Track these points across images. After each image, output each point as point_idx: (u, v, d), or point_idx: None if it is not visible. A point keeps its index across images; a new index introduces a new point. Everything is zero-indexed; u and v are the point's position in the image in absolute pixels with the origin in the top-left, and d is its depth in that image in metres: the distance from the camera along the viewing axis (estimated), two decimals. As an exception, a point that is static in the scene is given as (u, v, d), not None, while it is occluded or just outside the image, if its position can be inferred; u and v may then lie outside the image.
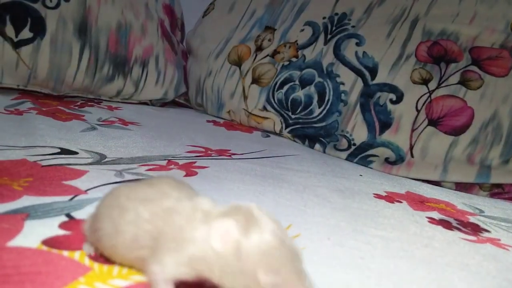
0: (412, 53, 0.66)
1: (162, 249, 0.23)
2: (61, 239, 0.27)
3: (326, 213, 0.39)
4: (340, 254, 0.31)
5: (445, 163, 0.60)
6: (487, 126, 0.59)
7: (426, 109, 0.62)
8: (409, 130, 0.62)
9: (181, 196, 0.25)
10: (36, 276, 0.23)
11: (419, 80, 0.64)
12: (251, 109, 0.77)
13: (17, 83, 0.76)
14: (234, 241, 0.22)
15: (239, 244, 0.22)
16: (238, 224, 0.22)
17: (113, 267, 0.25)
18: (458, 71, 0.62)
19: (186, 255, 0.22)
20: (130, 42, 0.83)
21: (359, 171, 0.60)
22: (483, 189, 0.61)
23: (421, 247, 0.35)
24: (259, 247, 0.22)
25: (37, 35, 0.74)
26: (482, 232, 0.41)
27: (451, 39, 0.65)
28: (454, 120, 0.61)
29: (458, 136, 0.60)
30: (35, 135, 0.52)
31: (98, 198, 0.34)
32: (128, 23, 0.84)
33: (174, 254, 0.23)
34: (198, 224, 0.23)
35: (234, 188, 0.42)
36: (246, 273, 0.22)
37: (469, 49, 0.63)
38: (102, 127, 0.63)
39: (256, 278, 0.21)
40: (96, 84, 0.80)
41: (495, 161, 0.59)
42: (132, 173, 0.43)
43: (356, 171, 0.59)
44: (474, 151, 0.59)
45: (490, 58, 0.62)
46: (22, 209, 0.31)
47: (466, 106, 0.61)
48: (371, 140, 0.65)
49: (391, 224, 0.39)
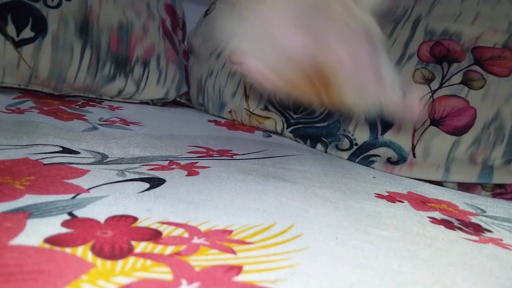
0: (414, 53, 0.66)
1: None
2: (64, 237, 0.27)
3: (329, 213, 0.39)
4: (343, 254, 0.31)
5: (447, 163, 0.60)
6: (490, 126, 0.59)
7: (428, 109, 0.62)
8: (411, 130, 0.62)
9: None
10: (39, 275, 0.23)
11: (421, 80, 0.64)
12: (253, 108, 0.77)
13: (18, 83, 0.76)
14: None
15: None
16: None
17: (116, 263, 0.25)
18: (460, 71, 0.62)
19: None
20: (131, 41, 0.83)
21: (361, 171, 0.60)
22: (486, 189, 0.61)
23: (424, 247, 0.34)
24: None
25: (39, 34, 0.74)
26: (484, 232, 0.41)
27: (453, 39, 0.65)
28: (456, 120, 0.61)
29: (461, 136, 0.60)
30: (37, 134, 0.52)
31: (100, 196, 0.34)
32: (129, 22, 0.84)
33: None
34: None
35: (236, 188, 0.42)
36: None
37: (472, 49, 0.63)
38: (104, 127, 0.63)
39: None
40: (97, 84, 0.80)
41: (497, 161, 0.58)
42: (134, 172, 0.42)
43: (358, 171, 0.59)
44: (476, 151, 0.59)
45: (492, 58, 0.62)
46: (24, 207, 0.31)
47: (469, 106, 0.61)
48: (373, 140, 0.64)
49: (394, 224, 0.39)
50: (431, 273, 0.30)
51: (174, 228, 0.31)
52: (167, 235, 0.29)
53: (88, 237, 0.28)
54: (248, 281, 0.25)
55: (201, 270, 0.26)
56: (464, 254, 0.34)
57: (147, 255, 0.27)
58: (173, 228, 0.31)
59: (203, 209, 0.35)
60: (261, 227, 0.33)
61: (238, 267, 0.27)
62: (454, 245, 0.36)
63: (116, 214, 0.31)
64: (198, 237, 0.30)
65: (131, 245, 0.27)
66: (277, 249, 0.30)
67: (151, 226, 0.30)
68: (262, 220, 0.34)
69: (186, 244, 0.29)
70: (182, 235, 0.30)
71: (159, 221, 0.31)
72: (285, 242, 0.31)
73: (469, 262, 0.33)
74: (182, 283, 0.24)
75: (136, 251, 0.27)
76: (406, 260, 0.32)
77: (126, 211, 0.32)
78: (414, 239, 0.36)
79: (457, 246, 0.36)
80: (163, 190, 0.38)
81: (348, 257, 0.30)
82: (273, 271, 0.27)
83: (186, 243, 0.29)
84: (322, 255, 0.30)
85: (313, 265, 0.28)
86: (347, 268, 0.29)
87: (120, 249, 0.27)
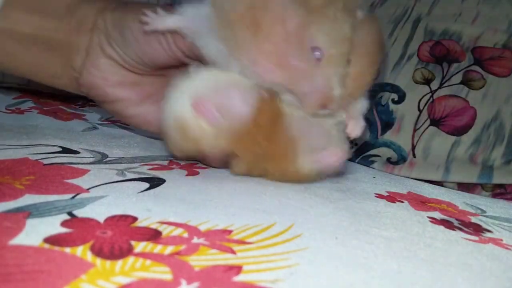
0: (414, 53, 0.66)
1: None
2: (63, 237, 0.27)
3: (329, 213, 0.39)
4: (343, 254, 0.31)
5: (447, 163, 0.60)
6: (490, 126, 0.59)
7: (428, 109, 0.62)
8: (411, 130, 0.62)
9: None
10: (38, 275, 0.23)
11: (421, 80, 0.64)
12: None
13: (18, 82, 0.76)
14: None
15: None
16: None
17: (116, 263, 0.25)
18: (460, 71, 0.62)
19: None
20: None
21: (361, 171, 0.60)
22: (485, 189, 0.61)
23: (424, 247, 0.34)
24: None
25: (39, 34, 0.74)
26: (484, 232, 0.41)
27: (453, 39, 0.65)
28: (456, 120, 0.61)
29: (460, 136, 0.60)
30: (37, 134, 0.52)
31: (100, 196, 0.34)
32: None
33: None
34: None
35: (236, 188, 0.42)
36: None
37: (472, 49, 0.63)
38: (103, 126, 0.63)
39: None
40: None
41: (497, 161, 0.59)
42: (134, 172, 0.42)
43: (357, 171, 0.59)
44: (476, 151, 0.59)
45: (492, 58, 0.62)
46: (23, 207, 0.31)
47: (469, 106, 0.61)
48: (373, 140, 0.64)
49: (393, 224, 0.39)
50: (431, 273, 0.30)
51: (173, 228, 0.31)
52: (167, 235, 0.29)
53: (87, 237, 0.28)
54: (248, 281, 0.25)
55: (201, 270, 0.26)
56: (464, 254, 0.34)
57: (147, 255, 0.27)
58: (172, 228, 0.31)
59: (203, 209, 0.35)
60: (261, 227, 0.33)
61: (237, 267, 0.26)
62: (454, 245, 0.36)
63: (115, 214, 0.31)
64: (197, 237, 0.30)
65: (130, 245, 0.27)
66: (277, 249, 0.30)
67: (150, 226, 0.30)
68: (262, 220, 0.34)
69: (185, 244, 0.29)
70: (182, 235, 0.30)
71: (159, 221, 0.31)
72: (285, 242, 0.31)
73: (469, 262, 0.33)
74: (182, 283, 0.24)
75: (135, 251, 0.27)
76: (406, 260, 0.31)
77: (126, 211, 0.32)
78: (414, 239, 0.36)
79: (457, 246, 0.36)
80: (163, 190, 0.38)
81: (348, 257, 0.30)
82: (273, 271, 0.27)
83: (186, 243, 0.29)
84: (322, 255, 0.30)
85: (313, 265, 0.28)
86: (347, 268, 0.29)
87: (120, 249, 0.27)
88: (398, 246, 0.34)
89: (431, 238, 0.37)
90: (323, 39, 0.37)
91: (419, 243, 0.35)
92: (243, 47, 0.38)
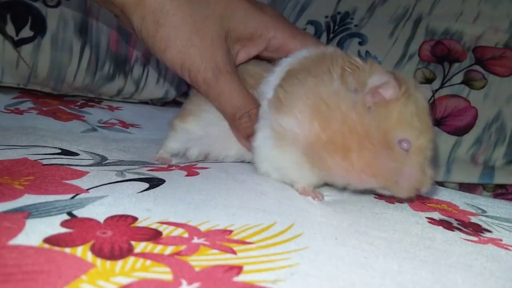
0: (415, 53, 0.65)
1: None
2: (63, 237, 0.27)
3: (328, 213, 0.39)
4: (343, 254, 0.31)
5: (448, 163, 0.60)
6: (491, 126, 0.59)
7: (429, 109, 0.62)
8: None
9: None
10: (38, 275, 0.23)
11: (422, 80, 0.63)
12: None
13: (17, 82, 0.76)
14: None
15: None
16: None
17: (116, 263, 0.25)
18: (461, 70, 0.62)
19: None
20: (131, 41, 0.83)
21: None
22: (487, 189, 0.61)
23: (424, 248, 0.34)
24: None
25: (38, 34, 0.74)
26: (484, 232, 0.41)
27: (454, 39, 0.65)
28: (457, 120, 0.60)
29: (462, 136, 0.60)
30: (36, 135, 0.52)
31: (100, 196, 0.34)
32: (129, 22, 0.83)
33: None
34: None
35: (236, 188, 0.42)
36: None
37: (473, 49, 0.63)
38: (103, 129, 0.63)
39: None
40: (96, 83, 0.80)
41: (498, 161, 0.58)
42: (133, 173, 0.42)
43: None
44: (477, 151, 0.59)
45: (493, 58, 0.62)
46: (23, 207, 0.31)
47: (470, 106, 0.61)
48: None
49: (393, 225, 0.39)
50: (432, 274, 0.30)
51: (174, 228, 0.30)
52: (167, 235, 0.29)
53: (87, 237, 0.27)
54: (248, 281, 0.25)
55: (201, 270, 0.26)
56: (464, 255, 0.34)
57: (147, 255, 0.26)
58: (173, 228, 0.30)
59: (203, 209, 0.35)
60: (261, 227, 0.33)
61: (238, 267, 0.26)
62: (454, 246, 0.36)
63: (115, 214, 0.31)
64: (198, 237, 0.30)
65: (130, 245, 0.27)
66: (277, 249, 0.30)
67: (150, 226, 0.30)
68: (262, 220, 0.34)
69: (186, 244, 0.28)
70: (182, 235, 0.30)
71: (159, 221, 0.31)
72: (285, 242, 0.31)
73: (469, 262, 0.33)
74: (182, 283, 0.24)
75: (135, 251, 0.27)
76: (406, 260, 0.31)
77: (126, 211, 0.32)
78: (413, 240, 0.36)
79: (457, 247, 0.36)
80: (163, 190, 0.38)
81: (348, 257, 0.30)
82: (273, 271, 0.27)
83: (186, 243, 0.29)
84: (322, 255, 0.30)
85: (313, 264, 0.28)
86: (347, 268, 0.29)
87: (120, 249, 0.27)
88: (397, 247, 0.34)
89: (430, 239, 0.37)
90: (407, 132, 0.39)
91: (419, 244, 0.35)
92: (331, 168, 0.39)
